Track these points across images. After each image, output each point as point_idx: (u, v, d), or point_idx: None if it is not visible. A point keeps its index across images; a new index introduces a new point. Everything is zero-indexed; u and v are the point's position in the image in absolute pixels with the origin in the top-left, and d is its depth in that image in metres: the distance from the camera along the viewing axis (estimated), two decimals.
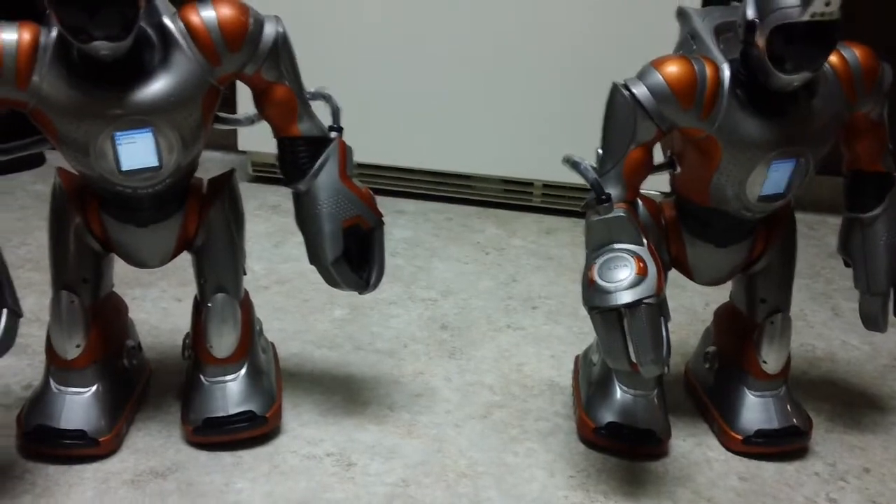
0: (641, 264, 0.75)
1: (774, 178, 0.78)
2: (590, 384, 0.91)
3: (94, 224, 0.81)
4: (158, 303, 1.08)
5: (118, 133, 0.72)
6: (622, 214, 0.77)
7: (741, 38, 0.74)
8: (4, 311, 0.73)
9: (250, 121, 0.85)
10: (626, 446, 0.87)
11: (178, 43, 0.73)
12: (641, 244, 0.76)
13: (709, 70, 0.75)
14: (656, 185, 0.94)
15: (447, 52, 1.34)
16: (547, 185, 1.41)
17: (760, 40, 0.72)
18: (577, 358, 0.99)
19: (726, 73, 0.76)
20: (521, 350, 1.05)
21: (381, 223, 0.84)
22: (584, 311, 1.06)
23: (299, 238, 0.83)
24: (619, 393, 0.88)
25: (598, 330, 0.77)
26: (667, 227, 0.87)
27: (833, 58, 0.78)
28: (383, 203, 0.86)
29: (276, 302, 1.10)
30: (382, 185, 1.40)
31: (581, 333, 1.07)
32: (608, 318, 0.75)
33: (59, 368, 0.83)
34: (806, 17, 0.70)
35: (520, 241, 1.33)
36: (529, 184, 1.42)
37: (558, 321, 1.11)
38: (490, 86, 1.35)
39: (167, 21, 0.74)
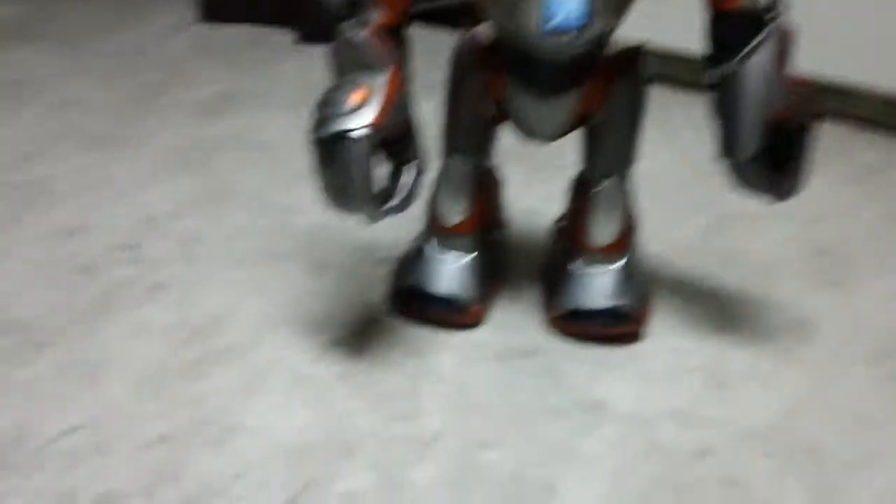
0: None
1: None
2: None
3: (495, 89, 0.78)
4: (524, 179, 1.04)
5: None
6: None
7: None
8: (416, 162, 0.72)
9: None
10: None
11: None
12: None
13: None
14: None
15: None
16: None
17: None
18: None
19: None
20: None
21: (813, 126, 0.73)
22: None
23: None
24: None
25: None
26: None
27: None
28: None
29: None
30: None
31: None
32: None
33: (438, 233, 0.82)
34: None
35: None
36: None
37: None
38: None
39: None
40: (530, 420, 0.72)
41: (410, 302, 0.82)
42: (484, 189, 0.83)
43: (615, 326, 0.81)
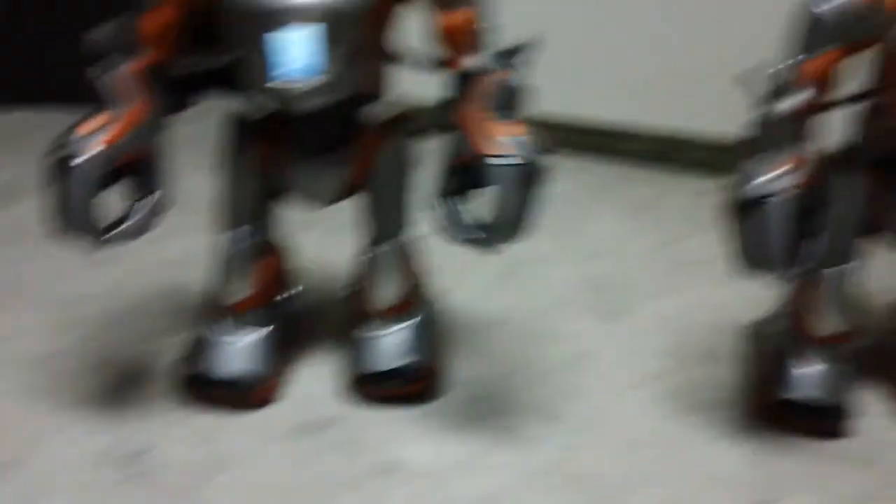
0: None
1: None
2: (764, 357, 0.85)
3: (270, 156, 0.78)
4: (316, 246, 1.05)
5: (274, 32, 0.67)
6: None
7: None
8: (155, 194, 0.73)
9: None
10: (804, 423, 0.80)
11: None
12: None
13: None
14: None
15: None
16: (708, 146, 1.32)
17: None
18: (749, 325, 0.92)
19: None
20: (684, 316, 0.98)
21: (530, 170, 0.68)
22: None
23: None
24: (797, 367, 0.81)
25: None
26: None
27: None
28: None
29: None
30: None
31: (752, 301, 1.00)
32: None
33: (221, 313, 0.81)
34: None
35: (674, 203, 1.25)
36: (688, 141, 1.33)
37: (726, 284, 1.03)
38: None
39: None
40: (326, 495, 0.72)
41: (199, 389, 0.81)
42: (269, 261, 0.83)
43: (408, 385, 0.82)
